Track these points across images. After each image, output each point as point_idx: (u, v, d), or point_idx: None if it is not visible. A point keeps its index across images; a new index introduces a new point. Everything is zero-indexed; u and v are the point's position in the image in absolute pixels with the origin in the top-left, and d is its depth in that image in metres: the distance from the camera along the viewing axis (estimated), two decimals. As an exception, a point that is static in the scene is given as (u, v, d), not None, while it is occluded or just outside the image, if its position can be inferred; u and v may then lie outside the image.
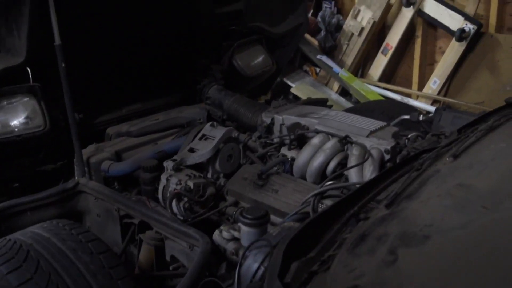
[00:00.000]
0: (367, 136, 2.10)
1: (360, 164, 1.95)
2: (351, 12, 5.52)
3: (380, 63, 5.42)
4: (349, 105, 5.16)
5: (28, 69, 2.65)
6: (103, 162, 2.60)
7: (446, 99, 4.95)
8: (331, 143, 2.10)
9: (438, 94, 4.99)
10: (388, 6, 5.33)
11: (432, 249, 1.09)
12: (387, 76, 5.60)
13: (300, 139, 2.28)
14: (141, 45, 3.18)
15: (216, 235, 1.88)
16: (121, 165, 2.57)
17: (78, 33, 2.74)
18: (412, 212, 1.31)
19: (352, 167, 1.96)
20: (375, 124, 2.22)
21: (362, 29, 5.34)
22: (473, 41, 4.82)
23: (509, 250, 1.03)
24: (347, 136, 2.09)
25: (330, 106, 4.13)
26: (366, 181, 1.66)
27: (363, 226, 1.34)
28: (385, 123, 2.25)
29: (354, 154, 2.02)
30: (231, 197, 2.25)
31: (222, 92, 2.96)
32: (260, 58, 3.80)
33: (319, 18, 5.58)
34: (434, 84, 4.99)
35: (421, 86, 5.24)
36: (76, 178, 2.66)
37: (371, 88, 5.24)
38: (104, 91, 3.13)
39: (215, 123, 2.42)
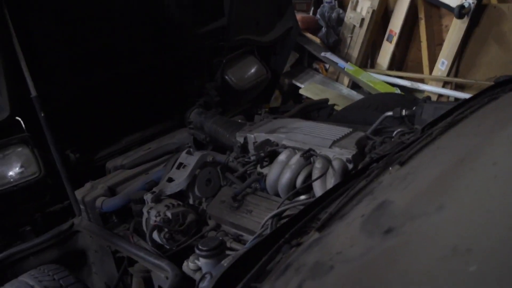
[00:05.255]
0: (330, 147, 2.10)
1: (320, 177, 1.95)
2: (349, 4, 5.45)
3: (386, 51, 5.33)
4: (360, 97, 5.09)
5: (20, 119, 2.78)
6: (97, 199, 2.70)
7: (455, 79, 4.82)
8: (295, 158, 2.11)
9: (448, 75, 4.86)
10: (386, -7, 5.25)
11: (332, 281, 1.09)
12: (398, 63, 5.50)
13: (272, 155, 2.30)
14: (133, 76, 3.26)
15: (184, 266, 1.94)
16: (113, 200, 2.66)
17: (69, 72, 2.85)
18: (333, 237, 1.30)
19: (312, 181, 1.97)
20: (340, 132, 2.21)
21: (363, 19, 5.27)
22: (477, 15, 4.66)
23: (404, 276, 1.02)
24: (310, 149, 2.09)
25: (333, 106, 4.12)
26: (311, 200, 1.66)
27: (292, 254, 1.35)
28: (350, 130, 2.23)
29: (317, 168, 2.02)
30: (212, 221, 2.29)
31: (203, 115, 3.01)
32: (253, 69, 3.83)
33: (318, 15, 5.54)
34: (442, 65, 4.87)
35: (432, 69, 5.11)
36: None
37: (379, 79, 5.16)
38: (100, 126, 3.22)
39: (191, 149, 2.47)
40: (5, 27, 2.49)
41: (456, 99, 4.76)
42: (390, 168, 1.63)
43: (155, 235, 2.25)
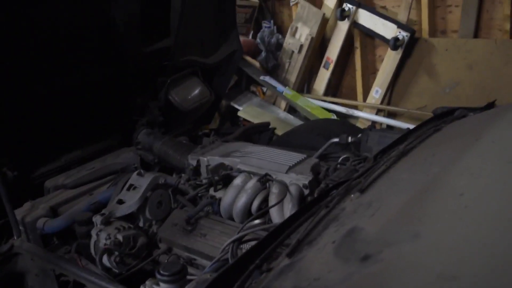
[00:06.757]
0: (286, 172, 2.14)
1: (278, 203, 1.98)
2: (289, 30, 5.59)
3: (323, 77, 5.50)
4: (298, 122, 5.22)
5: None
6: (38, 220, 2.58)
7: (388, 107, 5.05)
8: (251, 183, 2.13)
9: (382, 102, 5.08)
10: (324, 21, 5.42)
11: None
12: (333, 89, 5.69)
13: (225, 179, 2.30)
14: (74, 91, 3.16)
15: (141, 292, 1.88)
16: (55, 221, 2.55)
17: (5, 84, 2.72)
18: (307, 263, 1.33)
19: (270, 207, 1.99)
20: (295, 157, 2.26)
21: (301, 46, 5.42)
22: (409, 47, 4.93)
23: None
24: (266, 174, 2.12)
25: (274, 129, 4.19)
26: (275, 225, 1.68)
27: (264, 279, 1.36)
28: (305, 156, 2.28)
29: (273, 192, 2.05)
30: (164, 244, 2.26)
31: (151, 136, 2.97)
32: (197, 90, 3.82)
33: (258, 40, 5.64)
34: (376, 93, 5.09)
35: (366, 96, 5.33)
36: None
37: (316, 104, 5.31)
38: (38, 143, 3.09)
39: (142, 171, 2.42)
40: None
41: (389, 126, 4.98)
42: (352, 196, 1.69)
43: (104, 258, 2.18)
